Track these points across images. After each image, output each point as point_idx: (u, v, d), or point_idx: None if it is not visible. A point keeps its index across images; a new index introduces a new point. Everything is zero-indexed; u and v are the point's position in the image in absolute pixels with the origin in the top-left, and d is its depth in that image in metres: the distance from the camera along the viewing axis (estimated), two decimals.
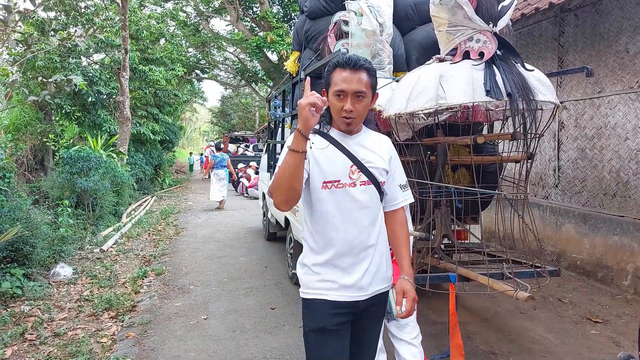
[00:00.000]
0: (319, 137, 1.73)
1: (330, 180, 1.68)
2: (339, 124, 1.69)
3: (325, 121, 1.76)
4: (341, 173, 1.68)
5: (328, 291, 1.69)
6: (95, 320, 4.02)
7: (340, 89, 1.62)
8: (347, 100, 1.62)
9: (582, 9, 5.06)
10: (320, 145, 1.70)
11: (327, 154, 1.69)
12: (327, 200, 1.68)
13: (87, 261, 5.83)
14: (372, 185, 1.72)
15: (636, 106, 4.44)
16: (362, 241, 1.70)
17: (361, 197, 1.70)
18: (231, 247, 6.75)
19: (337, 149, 1.70)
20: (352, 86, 1.61)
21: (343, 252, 1.69)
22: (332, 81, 1.66)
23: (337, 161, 1.69)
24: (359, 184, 1.70)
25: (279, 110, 5.85)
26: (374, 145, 1.78)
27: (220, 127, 31.79)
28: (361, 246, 1.70)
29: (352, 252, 1.69)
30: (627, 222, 4.52)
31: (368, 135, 1.80)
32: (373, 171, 1.72)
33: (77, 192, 7.10)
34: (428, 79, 2.58)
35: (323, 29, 3.77)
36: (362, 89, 1.62)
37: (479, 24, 2.61)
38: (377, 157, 1.75)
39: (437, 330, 3.60)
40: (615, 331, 3.68)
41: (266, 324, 3.84)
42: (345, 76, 1.62)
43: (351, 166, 1.69)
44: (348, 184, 1.68)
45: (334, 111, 1.67)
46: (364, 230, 1.71)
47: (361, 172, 1.70)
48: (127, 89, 10.11)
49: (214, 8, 18.14)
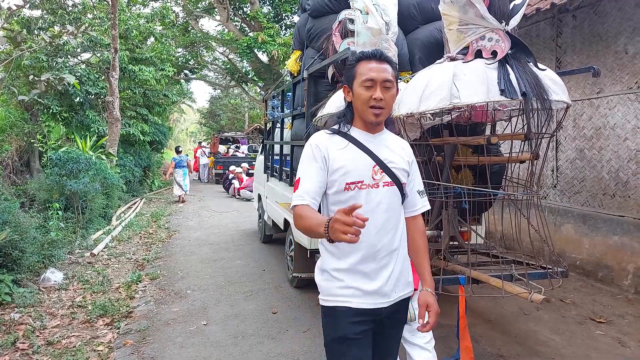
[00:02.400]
0: (339, 138, 1.67)
1: (353, 182, 1.62)
2: (367, 115, 1.63)
3: (345, 120, 1.71)
4: (364, 173, 1.63)
5: (351, 298, 1.62)
6: (90, 327, 3.89)
7: (369, 77, 1.60)
8: (377, 89, 1.60)
9: (580, 10, 5.07)
10: (339, 146, 1.65)
11: (347, 155, 1.63)
12: (350, 202, 1.61)
13: (77, 266, 5.66)
14: (395, 186, 1.67)
15: (635, 106, 4.46)
16: (386, 245, 1.64)
17: (385, 198, 1.64)
18: (226, 250, 6.63)
19: (359, 148, 1.65)
20: (380, 75, 1.60)
21: (367, 256, 1.62)
22: (358, 73, 1.63)
23: (359, 161, 1.64)
24: (382, 184, 1.64)
25: (276, 111, 5.76)
26: (395, 147, 1.74)
27: (208, 128, 31.48)
28: (385, 250, 1.64)
29: (376, 256, 1.63)
30: (627, 222, 4.53)
31: (389, 136, 1.76)
32: (396, 172, 1.67)
33: (67, 194, 6.91)
34: (441, 78, 2.53)
35: (326, 27, 3.71)
36: (390, 78, 1.62)
37: (491, 23, 2.57)
38: (399, 157, 1.71)
39: (445, 332, 3.55)
40: (620, 331, 3.68)
41: (269, 329, 3.75)
42: (373, 66, 1.61)
43: (374, 166, 1.64)
44: (371, 185, 1.63)
45: (362, 102, 1.62)
46: (388, 234, 1.65)
47: (384, 173, 1.65)
48: (116, 89, 9.90)
49: (204, 7, 17.96)
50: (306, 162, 1.65)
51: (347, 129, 1.69)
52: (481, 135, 2.81)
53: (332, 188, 1.64)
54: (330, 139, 1.66)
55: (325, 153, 1.63)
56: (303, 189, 1.60)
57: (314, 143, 1.66)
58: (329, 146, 1.64)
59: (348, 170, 1.61)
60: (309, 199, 1.58)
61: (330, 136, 1.68)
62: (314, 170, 1.62)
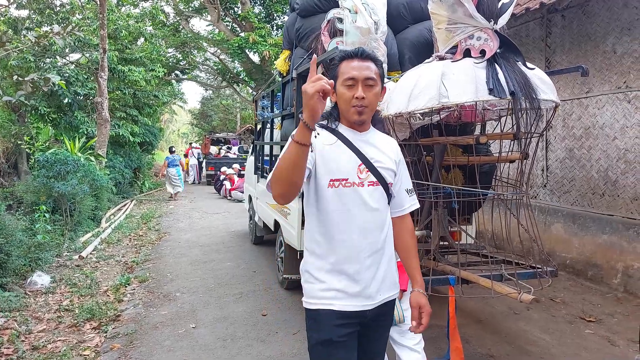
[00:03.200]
0: (326, 132, 1.64)
1: (337, 178, 1.59)
2: (350, 115, 1.60)
3: (332, 117, 1.68)
4: (349, 171, 1.60)
5: (334, 300, 1.59)
6: (77, 331, 3.82)
7: (350, 76, 1.57)
8: (358, 88, 1.56)
9: (569, 10, 5.10)
10: (328, 141, 1.61)
11: (334, 150, 1.60)
12: (333, 199, 1.59)
13: (65, 269, 5.58)
14: (381, 186, 1.64)
15: (624, 106, 4.49)
16: (370, 245, 1.61)
17: (369, 198, 1.61)
18: (217, 252, 6.57)
19: (346, 145, 1.62)
20: (362, 73, 1.57)
21: (350, 256, 1.59)
22: (340, 72, 1.60)
23: (345, 158, 1.60)
24: (367, 184, 1.61)
25: (266, 111, 5.72)
26: (382, 145, 1.71)
27: (200, 129, 31.33)
28: (368, 251, 1.61)
29: (359, 257, 1.60)
30: (616, 220, 4.55)
31: (377, 134, 1.74)
32: (382, 171, 1.64)
33: (54, 196, 6.81)
34: (430, 77, 2.51)
35: (315, 26, 3.68)
36: (372, 76, 1.58)
37: (480, 22, 2.56)
38: (385, 157, 1.68)
39: (435, 333, 3.53)
40: (609, 330, 3.69)
41: (258, 331, 3.71)
42: (355, 65, 1.58)
43: (359, 165, 1.61)
44: (356, 183, 1.60)
45: (344, 102, 1.59)
46: (372, 234, 1.62)
47: (369, 172, 1.62)
48: (105, 90, 9.79)
49: (194, 8, 17.85)
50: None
51: (335, 125, 1.66)
52: (470, 135, 2.79)
53: (315, 183, 1.60)
54: (318, 131, 1.63)
55: (316, 143, 1.58)
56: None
57: None
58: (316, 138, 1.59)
59: (333, 167, 1.59)
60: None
61: (318, 129, 1.64)
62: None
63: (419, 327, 1.68)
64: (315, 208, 1.62)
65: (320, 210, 1.61)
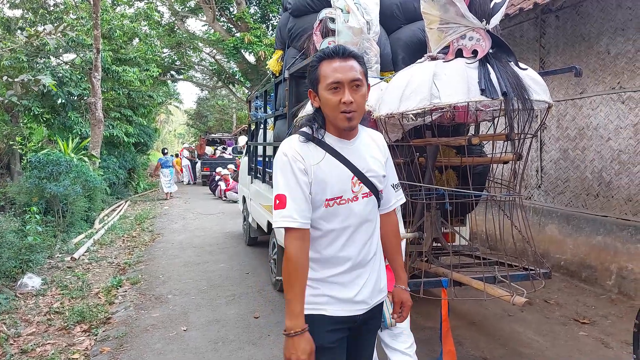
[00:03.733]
0: (313, 147, 1.53)
1: (332, 198, 1.51)
2: (338, 122, 1.49)
3: (317, 125, 1.55)
4: (343, 188, 1.52)
5: (326, 305, 1.56)
6: (67, 334, 3.78)
7: (335, 80, 1.44)
8: (345, 92, 1.44)
9: (563, 10, 5.09)
10: (315, 159, 1.50)
11: (324, 168, 1.50)
12: (328, 219, 1.53)
13: (57, 270, 5.52)
14: (373, 195, 1.60)
15: (618, 107, 4.48)
16: (363, 257, 1.59)
17: (364, 211, 1.57)
18: (210, 253, 6.53)
19: (335, 158, 1.52)
20: (347, 75, 1.44)
21: (344, 270, 1.56)
22: (322, 75, 1.47)
23: (336, 174, 1.52)
24: (361, 196, 1.55)
25: (260, 111, 5.69)
26: (371, 149, 1.63)
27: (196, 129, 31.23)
28: (362, 262, 1.59)
29: (353, 269, 1.58)
30: (610, 222, 4.54)
31: (364, 137, 1.64)
32: (374, 180, 1.59)
33: (47, 197, 6.75)
34: (421, 77, 2.48)
35: (307, 26, 3.65)
36: (358, 76, 1.46)
37: (472, 22, 2.53)
38: (376, 162, 1.61)
39: (428, 335, 3.51)
40: (603, 332, 3.67)
41: (250, 334, 3.67)
42: (337, 66, 1.45)
43: (352, 178, 1.53)
44: (351, 198, 1.53)
45: (331, 108, 1.47)
46: (366, 246, 1.59)
47: (362, 184, 1.56)
48: (99, 90, 9.73)
49: (190, 8, 17.79)
50: (289, 175, 1.48)
51: (321, 135, 1.54)
52: (462, 136, 2.77)
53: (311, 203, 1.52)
54: (304, 148, 1.51)
55: (304, 165, 1.48)
56: (293, 208, 1.45)
57: (292, 153, 1.49)
58: (305, 158, 1.49)
59: (326, 186, 1.49)
60: (302, 219, 1.46)
61: (304, 145, 1.52)
62: (300, 184, 1.47)
63: (399, 318, 1.77)
64: (310, 227, 1.54)
65: (315, 228, 1.54)
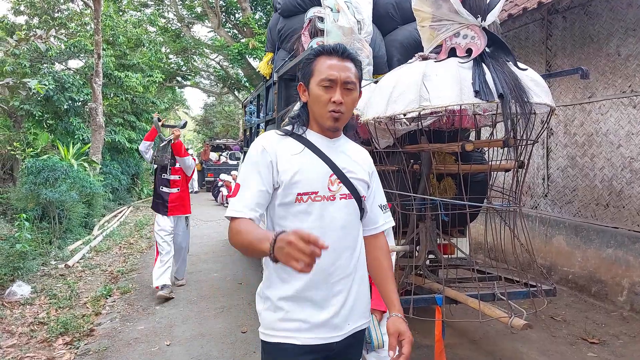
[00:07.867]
0: (291, 140, 1.43)
1: (305, 192, 1.38)
2: (324, 120, 1.41)
3: (300, 122, 1.47)
4: (319, 183, 1.39)
5: (295, 333, 1.37)
6: (48, 347, 3.62)
7: (329, 76, 1.38)
8: (337, 91, 1.38)
9: (570, 10, 4.86)
10: (293, 150, 1.41)
11: (301, 160, 1.40)
12: (300, 216, 1.39)
13: (49, 278, 5.39)
14: (354, 199, 1.44)
15: (629, 111, 4.23)
16: (341, 268, 1.40)
17: (341, 213, 1.41)
18: (205, 262, 6.35)
19: (315, 154, 1.42)
20: (342, 74, 1.38)
21: (317, 281, 1.37)
22: (316, 70, 1.41)
23: (313, 168, 1.40)
24: (339, 197, 1.41)
25: (254, 116, 5.53)
26: (355, 155, 1.51)
27: (203, 135, 31.27)
28: (338, 274, 1.40)
29: (327, 281, 1.38)
30: (622, 233, 4.28)
31: (348, 142, 1.53)
32: (355, 183, 1.44)
33: (42, 203, 6.64)
34: (410, 78, 2.29)
35: (297, 27, 3.49)
36: (352, 79, 1.40)
37: (466, 18, 2.34)
38: (359, 167, 1.48)
39: (422, 354, 3.27)
40: (613, 353, 3.41)
41: (235, 350, 3.47)
42: (333, 64, 1.39)
43: (330, 175, 1.41)
44: (327, 197, 1.40)
45: (319, 105, 1.40)
46: (343, 254, 1.41)
47: (341, 184, 1.42)
48: (99, 96, 9.66)
49: (196, 14, 17.81)
50: (250, 167, 1.41)
51: (303, 131, 1.46)
52: (456, 143, 2.56)
53: (280, 199, 1.40)
54: (281, 142, 1.43)
55: (273, 158, 1.39)
56: (243, 200, 1.37)
57: (261, 146, 1.42)
58: (278, 150, 1.41)
59: (301, 179, 1.38)
60: (249, 212, 1.35)
61: (281, 138, 1.45)
62: (257, 177, 1.39)
63: (400, 357, 1.38)
64: (280, 225, 1.41)
65: (285, 227, 1.39)
